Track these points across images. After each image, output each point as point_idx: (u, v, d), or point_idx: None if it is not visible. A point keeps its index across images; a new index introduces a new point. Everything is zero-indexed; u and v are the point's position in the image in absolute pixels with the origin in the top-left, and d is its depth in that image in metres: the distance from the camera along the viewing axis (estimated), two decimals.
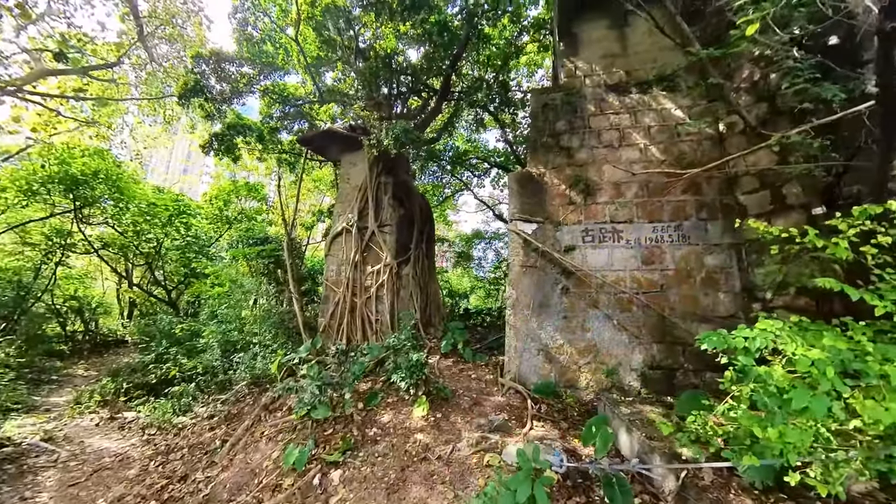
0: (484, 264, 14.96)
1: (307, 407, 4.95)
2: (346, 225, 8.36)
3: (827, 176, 4.34)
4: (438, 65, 8.51)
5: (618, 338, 5.46)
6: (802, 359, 1.60)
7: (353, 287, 8.15)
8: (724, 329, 5.18)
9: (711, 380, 5.08)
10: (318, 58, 8.76)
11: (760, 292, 5.11)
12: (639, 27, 6.43)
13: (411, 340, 5.59)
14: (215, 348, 9.64)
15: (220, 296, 10.40)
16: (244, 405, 7.54)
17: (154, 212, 11.90)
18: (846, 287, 2.04)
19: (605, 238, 5.75)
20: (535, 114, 6.59)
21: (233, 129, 9.95)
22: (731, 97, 5.57)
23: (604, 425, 3.64)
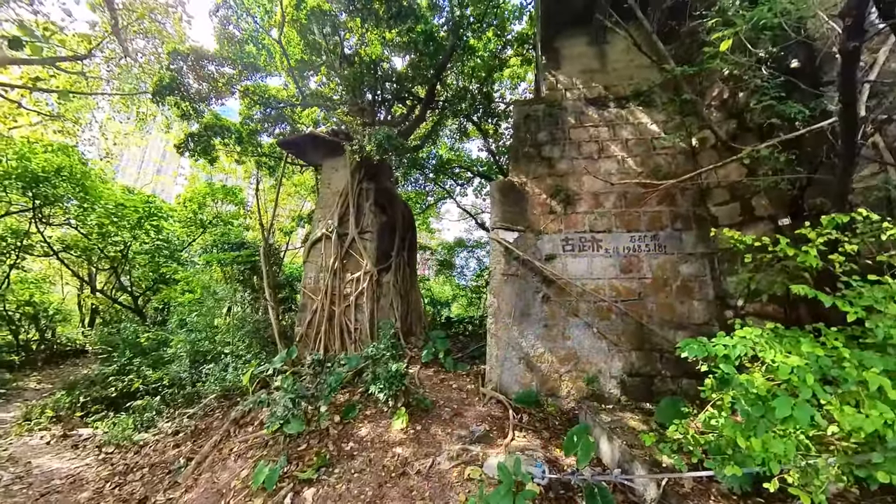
0: (466, 273, 14.93)
1: (279, 421, 4.69)
2: (325, 231, 8.13)
3: (792, 189, 4.53)
4: (424, 73, 8.52)
5: (597, 345, 5.48)
6: (783, 366, 1.60)
7: (332, 295, 7.90)
8: (700, 336, 5.32)
9: (688, 386, 5.17)
10: (302, 61, 8.62)
11: (732, 300, 5.26)
12: (617, 45, 6.65)
13: (391, 350, 5.42)
14: (184, 359, 9.10)
15: (191, 303, 9.87)
16: (213, 420, 7.10)
17: (122, 213, 11.25)
18: (819, 294, 2.08)
19: (584, 247, 5.80)
20: (517, 124, 6.66)
21: (210, 129, 9.60)
22: (704, 113, 5.81)
23: (585, 434, 3.59)
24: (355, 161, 7.97)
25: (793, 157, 4.18)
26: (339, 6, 7.22)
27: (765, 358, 1.73)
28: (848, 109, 2.54)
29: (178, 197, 13.17)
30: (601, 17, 6.08)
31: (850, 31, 2.12)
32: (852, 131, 2.70)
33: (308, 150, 8.65)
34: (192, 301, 10.01)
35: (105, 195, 11.28)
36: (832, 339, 2.01)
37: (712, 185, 5.61)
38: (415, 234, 9.98)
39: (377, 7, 6.84)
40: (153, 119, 10.95)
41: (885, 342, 1.75)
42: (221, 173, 14.77)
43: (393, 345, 5.58)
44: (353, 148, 7.15)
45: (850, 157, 2.83)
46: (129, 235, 12.00)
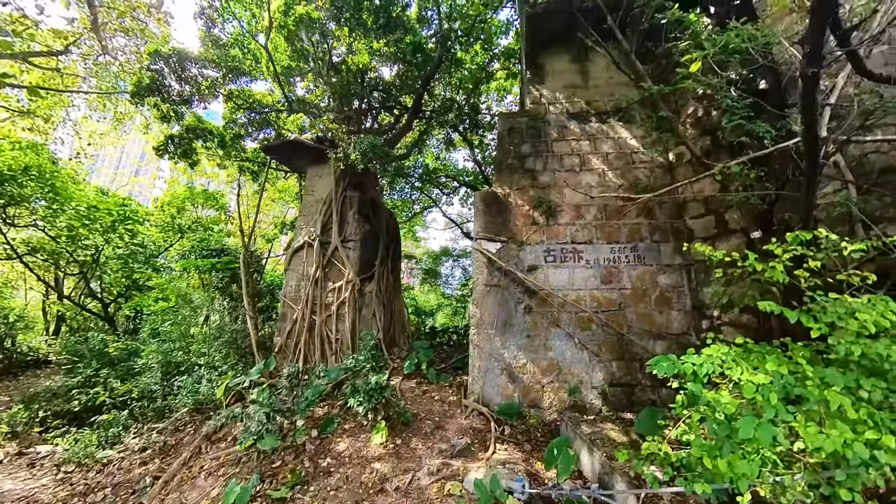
0: (451, 282, 14.87)
1: (253, 437, 4.50)
2: (307, 239, 7.99)
3: (762, 204, 4.71)
4: (411, 83, 8.57)
5: (579, 356, 5.50)
6: (748, 385, 1.62)
7: (313, 304, 7.73)
8: (678, 345, 5.41)
9: (667, 395, 5.23)
10: (289, 68, 8.54)
11: (708, 310, 5.39)
12: (598, 62, 6.85)
13: (371, 362, 5.30)
14: (155, 370, 8.70)
15: (165, 311, 9.48)
16: (184, 435, 6.78)
17: (95, 216, 10.77)
18: (785, 310, 2.14)
19: (566, 258, 5.86)
20: (501, 136, 6.74)
21: (192, 131, 9.37)
22: (679, 130, 6.01)
23: (565, 447, 3.57)
24: (340, 169, 7.90)
25: (762, 173, 4.34)
26: (327, 14, 7.22)
27: (732, 376, 1.75)
28: (809, 130, 2.65)
29: (155, 200, 12.69)
30: (583, 35, 6.26)
31: (810, 57, 2.23)
32: (814, 151, 2.82)
33: (292, 156, 8.53)
34: (165, 309, 9.61)
35: (77, 196, 10.79)
36: (798, 354, 2.06)
37: (688, 199, 5.78)
38: (399, 243, 9.92)
39: (366, 17, 6.86)
40: (131, 119, 10.60)
41: (846, 358, 1.81)
42: (203, 177, 14.37)
43: (374, 356, 5.47)
44: (338, 156, 7.08)
45: (813, 175, 2.96)
46: (102, 239, 11.49)
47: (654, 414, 3.88)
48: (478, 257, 6.01)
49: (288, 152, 8.44)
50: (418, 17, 8.43)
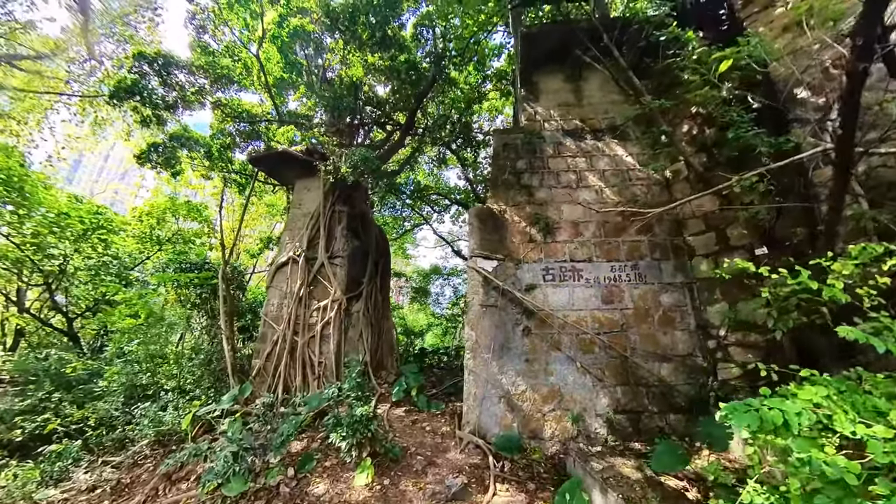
0: (441, 300, 14.30)
1: (218, 479, 3.76)
2: (292, 254, 7.38)
3: (768, 219, 4.45)
4: (405, 101, 8.30)
5: (581, 381, 5.00)
6: (872, 443, 1.18)
7: (296, 324, 7.04)
8: (683, 367, 4.97)
9: (676, 422, 4.76)
10: (281, 80, 8.17)
11: (714, 329, 5.02)
12: (592, 82, 6.72)
13: (356, 391, 4.66)
14: (117, 394, 7.70)
15: (133, 329, 8.53)
16: (142, 472, 5.85)
17: (65, 223, 9.84)
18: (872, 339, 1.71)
19: (565, 277, 5.45)
20: (496, 152, 6.43)
21: (177, 140, 8.80)
22: (679, 146, 5.82)
23: (579, 491, 3.01)
24: (329, 182, 7.43)
25: (771, 186, 4.08)
26: (322, 27, 6.95)
27: (839, 428, 1.30)
28: (846, 136, 2.37)
29: (133, 209, 11.78)
30: (580, 52, 6.12)
31: (860, 50, 1.95)
32: (847, 160, 2.53)
33: (280, 168, 8.03)
34: (134, 327, 8.65)
35: (47, 202, 9.88)
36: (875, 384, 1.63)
37: (687, 216, 5.52)
38: (388, 260, 9.38)
39: (361, 31, 6.61)
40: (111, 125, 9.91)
41: None
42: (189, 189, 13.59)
43: (358, 384, 4.82)
44: (328, 168, 6.62)
45: (843, 186, 2.66)
46: (72, 248, 10.49)
47: (673, 448, 3.37)
48: (473, 276, 5.54)
49: (276, 164, 7.94)
50: (413, 35, 8.28)
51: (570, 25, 6.24)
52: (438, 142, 9.97)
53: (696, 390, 4.86)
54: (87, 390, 8.26)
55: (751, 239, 4.86)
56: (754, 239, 4.75)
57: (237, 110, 8.21)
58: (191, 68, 7.22)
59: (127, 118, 9.79)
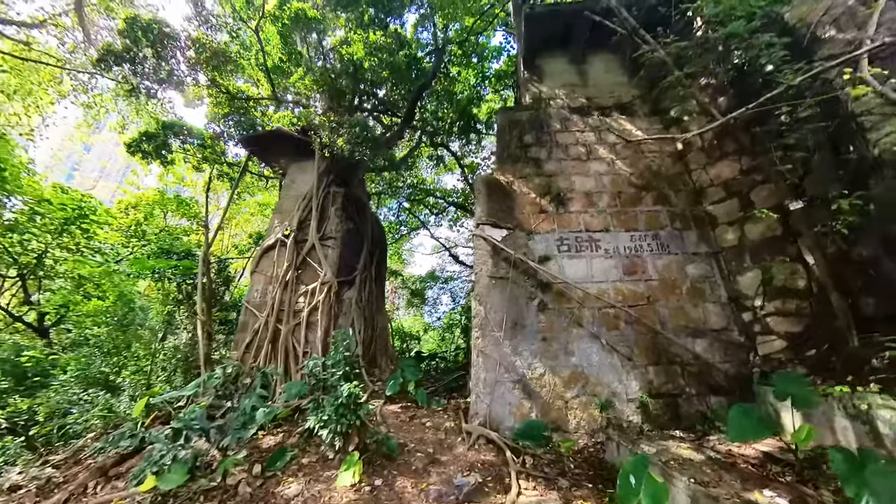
0: (438, 306, 13.26)
1: (153, 468, 2.67)
2: (280, 236, 6.48)
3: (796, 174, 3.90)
4: (405, 93, 7.84)
5: (608, 361, 4.13)
6: None
7: (279, 311, 6.02)
8: (718, 342, 4.16)
9: (718, 405, 3.90)
10: (279, 68, 7.62)
11: (748, 300, 4.31)
12: (596, 65, 6.41)
13: (343, 367, 3.67)
14: (74, 384, 6.37)
15: (99, 313, 7.25)
16: (82, 469, 4.56)
17: (46, 210, 8.68)
18: None
19: (581, 247, 4.72)
20: (501, 129, 5.89)
21: (169, 129, 8.06)
22: (685, 120, 5.38)
23: (645, 470, 2.10)
24: (325, 162, 6.71)
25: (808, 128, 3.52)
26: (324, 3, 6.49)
27: None
28: None
29: (119, 203, 10.66)
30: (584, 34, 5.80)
31: None
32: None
33: (273, 149, 7.28)
34: (100, 310, 7.36)
35: (29, 190, 8.76)
36: None
37: (704, 184, 4.97)
38: (385, 251, 8.51)
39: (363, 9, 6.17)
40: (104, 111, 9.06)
41: None
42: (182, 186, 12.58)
43: (346, 360, 3.83)
44: (323, 142, 5.92)
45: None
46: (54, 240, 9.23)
47: (749, 412, 2.53)
48: (480, 245, 4.76)
49: (269, 145, 7.20)
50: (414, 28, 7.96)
51: (574, 7, 5.94)
52: (437, 142, 9.48)
53: (737, 368, 4.06)
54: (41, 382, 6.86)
55: (777, 200, 4.27)
56: (784, 197, 4.16)
57: (232, 90, 7.54)
58: (186, 40, 6.59)
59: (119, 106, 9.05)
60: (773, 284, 4.20)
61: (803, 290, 4.01)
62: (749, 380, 4.03)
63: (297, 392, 4.21)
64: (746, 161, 4.63)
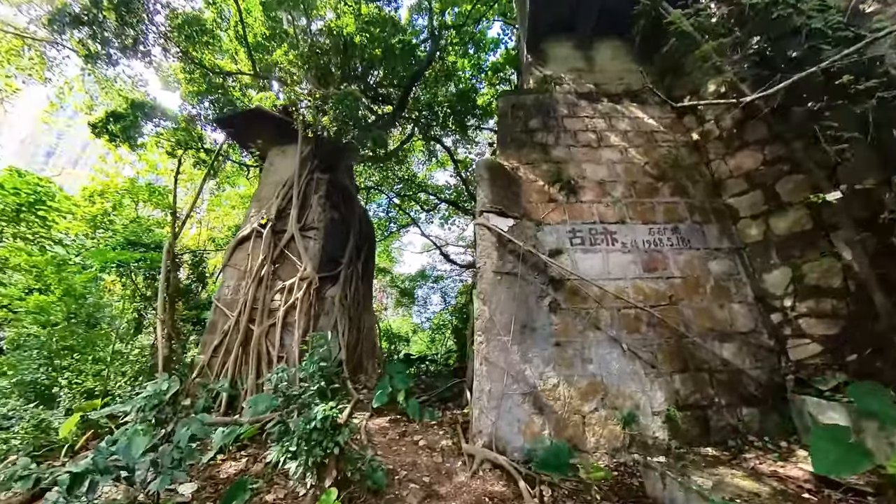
0: (428, 306, 12.48)
1: None
2: (257, 225, 5.63)
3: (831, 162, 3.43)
4: (399, 76, 7.13)
5: (630, 369, 3.53)
6: None
7: (253, 309, 5.17)
8: (747, 346, 3.63)
9: (750, 417, 3.36)
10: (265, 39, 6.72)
11: (777, 300, 3.80)
12: (603, 52, 5.90)
13: (318, 380, 2.91)
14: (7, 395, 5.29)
15: (42, 309, 6.16)
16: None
17: None
18: None
19: (596, 240, 4.13)
20: (503, 113, 5.26)
21: (139, 109, 7.07)
22: (700, 108, 4.91)
23: None
24: (309, 146, 5.91)
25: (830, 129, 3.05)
26: None
27: None
28: None
29: (84, 189, 9.39)
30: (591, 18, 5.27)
31: None
32: None
33: (253, 131, 6.39)
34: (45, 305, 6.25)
35: None
36: None
37: (724, 176, 4.48)
38: (373, 246, 7.73)
39: None
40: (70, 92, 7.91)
41: None
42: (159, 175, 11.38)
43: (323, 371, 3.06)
44: (307, 120, 5.13)
45: None
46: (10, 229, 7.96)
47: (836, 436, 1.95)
48: (484, 236, 4.09)
49: (247, 127, 6.32)
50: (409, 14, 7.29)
51: None
52: (431, 132, 8.80)
53: (768, 375, 3.54)
54: None
55: (806, 192, 3.80)
56: (814, 190, 3.69)
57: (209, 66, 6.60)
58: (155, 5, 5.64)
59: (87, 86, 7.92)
60: (804, 283, 3.72)
61: (839, 289, 3.54)
62: (782, 388, 3.53)
63: (265, 407, 3.40)
64: (770, 151, 4.16)
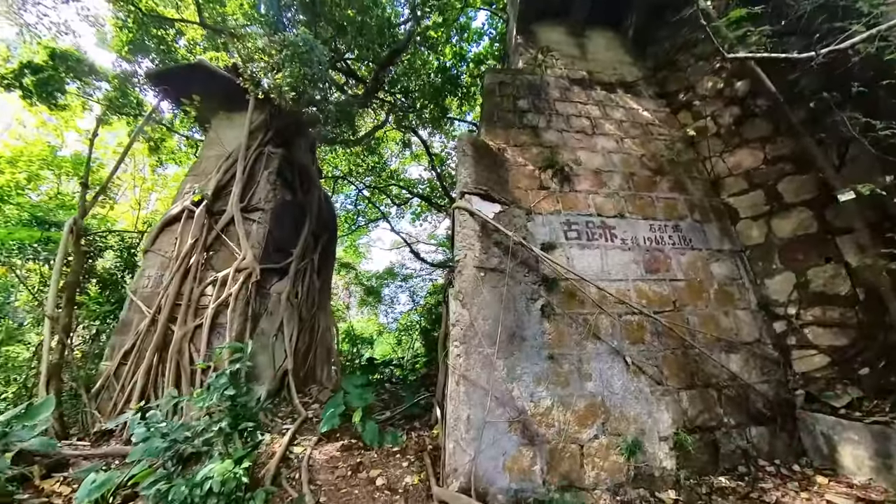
0: (396, 305, 11.45)
1: None
2: (188, 204, 4.40)
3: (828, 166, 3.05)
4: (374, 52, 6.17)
5: (634, 386, 2.86)
6: None
7: (176, 305, 3.96)
8: (753, 358, 2.77)
9: (759, 438, 2.82)
10: None
11: (780, 308, 3.34)
12: (596, 40, 5.39)
13: (227, 418, 1.90)
14: None
15: None
16: None
17: None
18: None
19: (594, 235, 3.46)
20: (490, 91, 4.51)
21: (63, 61, 5.55)
22: (696, 104, 4.48)
23: None
24: (262, 115, 4.78)
25: None
26: None
27: None
28: None
29: None
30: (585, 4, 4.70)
31: None
32: None
33: (193, 90, 5.04)
34: None
35: None
36: None
37: (722, 174, 4.03)
38: (335, 237, 6.63)
39: None
40: None
41: None
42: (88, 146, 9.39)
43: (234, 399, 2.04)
44: (257, 78, 4.04)
45: None
46: None
47: None
48: (465, 222, 3.27)
49: (187, 84, 4.98)
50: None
51: None
52: (406, 122, 7.89)
53: (775, 389, 3.06)
54: None
55: (811, 192, 3.41)
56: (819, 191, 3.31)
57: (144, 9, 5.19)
58: None
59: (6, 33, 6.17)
60: (809, 289, 3.30)
61: (847, 297, 3.13)
62: (790, 404, 3.04)
63: (157, 451, 2.29)
64: (772, 149, 3.75)
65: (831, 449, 2.74)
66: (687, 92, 4.60)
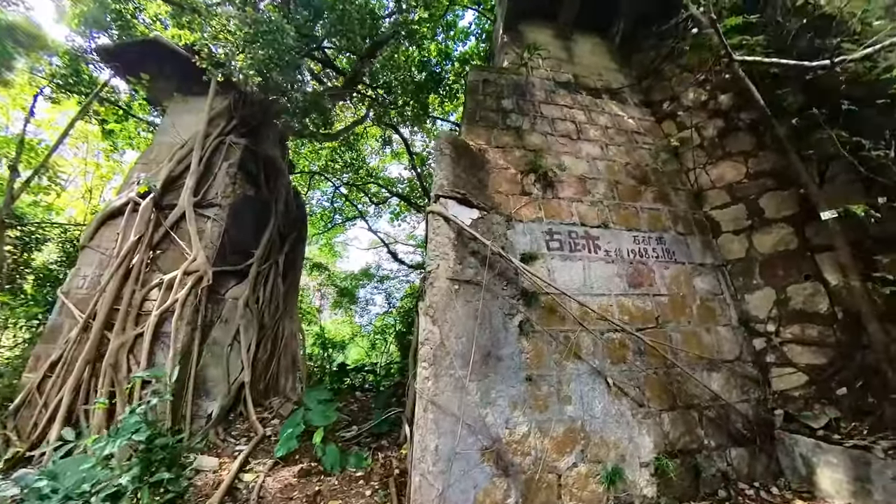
0: (371, 307, 10.92)
1: None
2: (134, 195, 3.84)
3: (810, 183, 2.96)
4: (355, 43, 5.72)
5: (615, 409, 2.64)
6: None
7: (114, 310, 3.42)
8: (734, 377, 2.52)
9: (739, 460, 2.67)
10: None
11: (760, 324, 3.23)
12: (583, 44, 5.18)
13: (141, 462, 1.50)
14: None
15: None
16: None
17: None
18: None
19: (577, 245, 3.22)
20: (473, 87, 4.20)
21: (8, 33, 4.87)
22: (680, 116, 4.36)
23: None
24: (225, 101, 4.25)
25: None
26: None
27: None
28: None
29: None
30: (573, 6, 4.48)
31: None
32: None
33: (147, 68, 4.46)
34: None
35: None
36: None
37: (705, 186, 3.90)
38: (304, 237, 6.11)
39: None
40: None
41: None
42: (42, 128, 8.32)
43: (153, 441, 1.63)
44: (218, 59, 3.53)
45: None
46: None
47: None
48: (439, 229, 2.94)
49: (141, 61, 4.37)
50: None
51: None
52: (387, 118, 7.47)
53: (755, 409, 2.94)
54: None
55: (793, 209, 3.33)
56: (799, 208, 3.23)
57: None
58: None
59: None
60: (789, 307, 3.20)
61: (826, 315, 3.05)
62: (769, 423, 2.92)
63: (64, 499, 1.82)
64: (754, 163, 3.65)
65: (810, 471, 2.63)
66: (672, 102, 4.47)
